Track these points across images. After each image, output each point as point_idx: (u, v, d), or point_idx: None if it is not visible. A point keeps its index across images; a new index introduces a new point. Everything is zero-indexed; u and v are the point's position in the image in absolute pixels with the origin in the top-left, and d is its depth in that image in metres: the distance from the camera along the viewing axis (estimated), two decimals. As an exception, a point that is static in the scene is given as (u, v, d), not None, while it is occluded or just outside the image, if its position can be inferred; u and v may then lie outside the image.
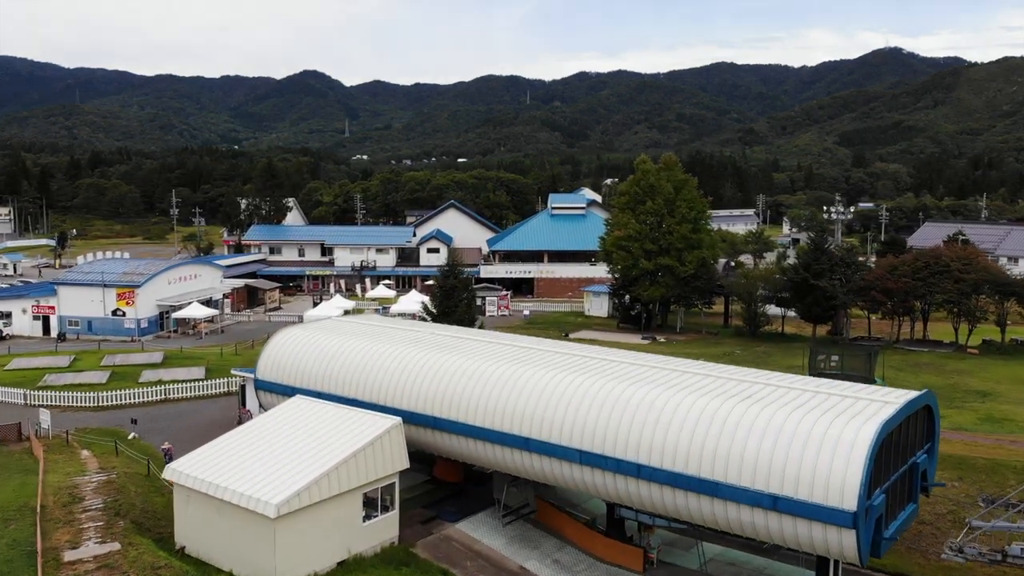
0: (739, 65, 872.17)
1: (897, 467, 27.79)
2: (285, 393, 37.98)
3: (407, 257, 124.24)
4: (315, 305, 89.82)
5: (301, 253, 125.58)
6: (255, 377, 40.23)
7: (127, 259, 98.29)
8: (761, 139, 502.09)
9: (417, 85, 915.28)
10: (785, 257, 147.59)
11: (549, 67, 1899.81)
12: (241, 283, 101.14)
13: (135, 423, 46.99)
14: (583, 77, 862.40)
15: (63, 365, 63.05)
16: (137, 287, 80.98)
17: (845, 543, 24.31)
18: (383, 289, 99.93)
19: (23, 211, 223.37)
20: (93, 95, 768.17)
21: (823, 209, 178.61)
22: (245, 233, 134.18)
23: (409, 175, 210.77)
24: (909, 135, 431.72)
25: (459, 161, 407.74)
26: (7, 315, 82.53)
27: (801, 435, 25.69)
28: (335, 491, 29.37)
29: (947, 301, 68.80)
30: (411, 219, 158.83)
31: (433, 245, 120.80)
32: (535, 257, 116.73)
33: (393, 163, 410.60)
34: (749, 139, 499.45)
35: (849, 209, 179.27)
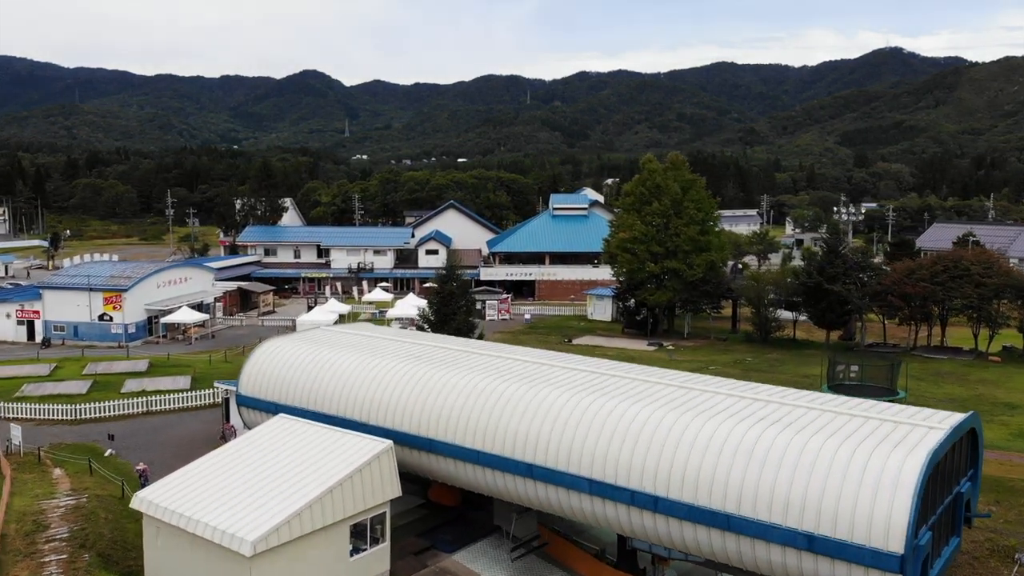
0: (739, 65, 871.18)
1: (942, 499, 25.14)
2: (268, 410, 35.18)
3: (405, 259, 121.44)
4: (309, 309, 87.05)
5: (297, 255, 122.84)
6: (237, 392, 37.39)
7: (115, 262, 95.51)
8: (762, 139, 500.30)
9: (417, 85, 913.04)
10: (791, 258, 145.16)
11: (549, 67, 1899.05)
12: (234, 286, 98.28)
13: (112, 439, 44.19)
14: (583, 77, 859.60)
15: (43, 374, 60.20)
16: (124, 291, 78.04)
17: (891, 589, 21.58)
18: (380, 292, 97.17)
19: (18, 211, 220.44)
20: (93, 95, 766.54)
21: (834, 210, 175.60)
22: (240, 234, 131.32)
23: (408, 175, 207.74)
24: (911, 135, 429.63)
25: (459, 161, 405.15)
26: (-10, 320, 79.65)
27: (839, 466, 22.94)
28: (319, 524, 26.55)
29: (967, 306, 65.75)
30: (410, 220, 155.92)
31: (432, 246, 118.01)
32: (536, 259, 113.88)
33: (393, 163, 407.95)
34: (750, 139, 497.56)
35: (860, 209, 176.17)
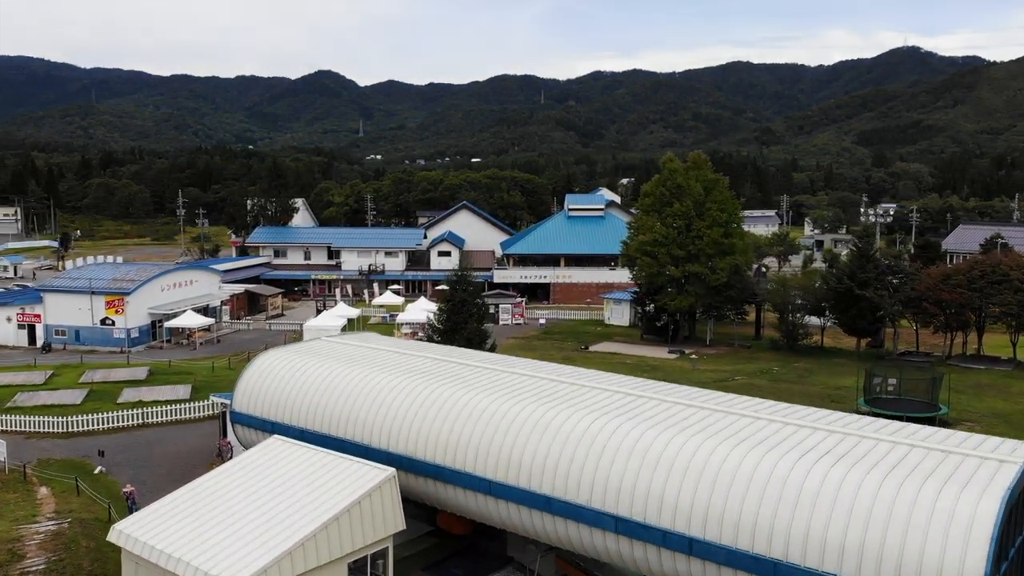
0: (755, 64, 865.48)
1: (1014, 540, 22.17)
2: (264, 429, 32.53)
3: (417, 260, 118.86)
4: (318, 313, 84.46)
5: (307, 256, 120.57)
6: (231, 408, 34.78)
7: (118, 264, 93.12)
8: (778, 139, 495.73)
9: (431, 85, 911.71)
10: (812, 260, 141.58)
11: (564, 67, 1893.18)
12: (241, 289, 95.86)
13: (102, 455, 41.63)
14: (598, 76, 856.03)
15: (38, 382, 57.79)
16: (127, 294, 75.60)
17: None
18: (391, 295, 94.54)
19: (30, 211, 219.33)
20: (109, 95, 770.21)
21: (859, 211, 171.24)
22: (250, 235, 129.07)
23: (421, 175, 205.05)
24: (929, 134, 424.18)
25: (473, 161, 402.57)
26: (-9, 324, 77.51)
27: (902, 508, 20.05)
28: (312, 564, 23.83)
29: (1006, 314, 62.29)
30: (423, 220, 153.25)
31: (444, 248, 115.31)
32: (551, 261, 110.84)
33: (407, 163, 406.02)
34: (766, 139, 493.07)
35: (889, 211, 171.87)
